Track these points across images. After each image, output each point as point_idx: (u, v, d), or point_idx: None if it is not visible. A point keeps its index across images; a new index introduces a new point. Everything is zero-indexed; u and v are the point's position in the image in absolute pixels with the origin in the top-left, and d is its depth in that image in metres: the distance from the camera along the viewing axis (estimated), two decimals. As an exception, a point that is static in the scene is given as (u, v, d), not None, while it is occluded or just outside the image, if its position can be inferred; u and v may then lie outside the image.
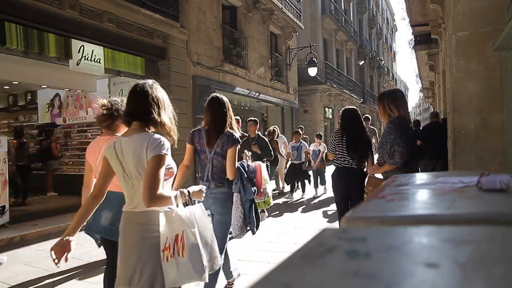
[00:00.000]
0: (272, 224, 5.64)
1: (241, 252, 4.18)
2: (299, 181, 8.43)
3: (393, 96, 3.01)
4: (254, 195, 2.90)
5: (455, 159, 4.34)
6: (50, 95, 9.49)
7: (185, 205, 1.84)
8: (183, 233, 1.71)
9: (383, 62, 35.48)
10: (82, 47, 6.36)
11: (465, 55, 4.24)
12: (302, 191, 8.42)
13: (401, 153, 2.77)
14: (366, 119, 8.28)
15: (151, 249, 1.70)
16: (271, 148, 6.48)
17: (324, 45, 20.45)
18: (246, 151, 3.26)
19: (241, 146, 3.04)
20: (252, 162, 3.09)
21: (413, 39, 12.42)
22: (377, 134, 8.32)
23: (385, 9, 40.40)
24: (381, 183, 2.96)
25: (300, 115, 17.02)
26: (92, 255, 4.23)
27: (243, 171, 2.84)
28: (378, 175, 3.21)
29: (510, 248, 0.50)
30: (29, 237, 5.20)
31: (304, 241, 0.57)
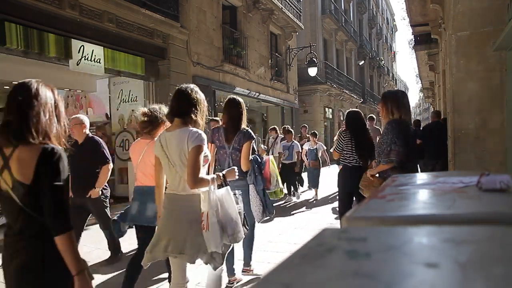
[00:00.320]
0: (272, 224, 5.64)
1: (241, 252, 4.18)
2: (290, 183, 7.82)
3: (396, 98, 3.04)
4: (263, 185, 3.25)
5: (455, 159, 4.34)
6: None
7: (220, 186, 2.15)
8: (207, 213, 2.04)
9: (383, 62, 35.47)
10: (82, 47, 6.36)
11: (465, 55, 4.24)
12: (292, 194, 7.93)
13: (397, 151, 2.80)
14: (370, 119, 8.29)
15: (195, 223, 2.06)
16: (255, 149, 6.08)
17: (324, 45, 20.45)
18: (262, 145, 3.57)
19: None
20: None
21: (413, 39, 12.42)
22: (381, 134, 8.29)
23: (385, 9, 40.39)
24: (374, 182, 3.00)
25: (300, 115, 17.02)
26: (92, 255, 4.23)
27: (255, 164, 3.17)
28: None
29: (510, 248, 0.50)
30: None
31: (304, 241, 0.57)
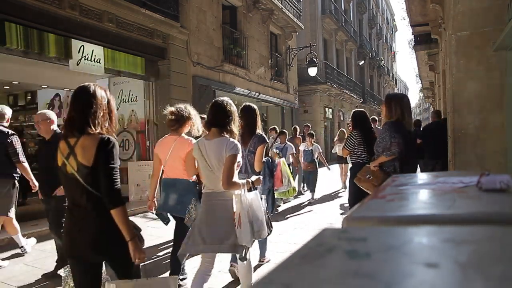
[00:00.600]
0: (272, 224, 5.63)
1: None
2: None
3: (400, 99, 3.16)
4: (270, 185, 3.61)
5: (455, 159, 4.34)
6: (50, 95, 9.48)
7: (249, 190, 2.50)
8: (239, 214, 2.37)
9: (383, 62, 35.47)
10: (82, 47, 6.36)
11: (465, 55, 4.24)
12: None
13: (397, 143, 2.95)
14: (373, 121, 8.30)
15: (230, 219, 2.38)
16: None
17: (324, 45, 20.45)
18: (275, 149, 3.81)
19: None
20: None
21: (413, 39, 12.41)
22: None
23: (385, 9, 40.39)
24: (376, 174, 3.09)
25: (300, 115, 17.03)
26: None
27: (267, 166, 3.43)
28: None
29: (510, 248, 0.50)
30: (29, 237, 5.20)
31: (304, 241, 0.57)
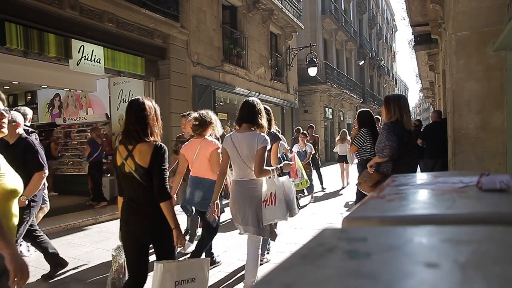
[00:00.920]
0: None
1: (241, 252, 4.18)
2: None
3: (398, 100, 3.17)
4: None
5: (455, 159, 4.34)
6: (50, 95, 9.50)
7: (279, 175, 2.85)
8: (275, 192, 2.77)
9: (383, 62, 35.46)
10: (82, 47, 6.36)
11: (465, 55, 4.24)
12: None
13: (390, 147, 2.97)
14: (377, 120, 8.32)
15: (257, 201, 2.77)
16: None
17: (324, 45, 20.44)
18: (285, 144, 4.28)
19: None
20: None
21: (413, 39, 12.40)
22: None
23: (385, 9, 40.38)
24: (372, 176, 3.16)
25: (300, 115, 17.03)
26: (92, 255, 4.23)
27: (279, 162, 3.65)
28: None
29: (509, 248, 0.50)
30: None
31: (304, 241, 0.57)
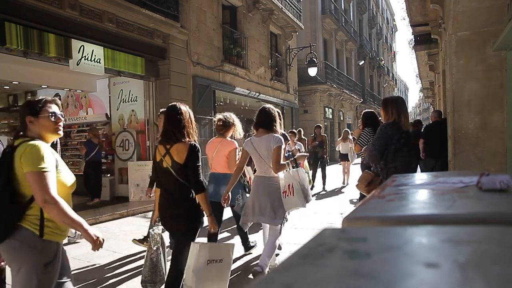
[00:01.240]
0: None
1: (241, 251, 4.18)
2: None
3: (395, 102, 3.19)
4: None
5: (455, 159, 4.35)
6: (50, 95, 9.48)
7: (293, 167, 3.31)
8: (292, 183, 3.25)
9: (383, 62, 35.46)
10: (82, 47, 6.36)
11: (465, 55, 4.24)
12: None
13: (369, 151, 3.08)
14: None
15: (275, 195, 3.27)
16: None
17: (324, 45, 20.45)
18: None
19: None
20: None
21: (413, 39, 12.40)
22: None
23: (385, 9, 40.38)
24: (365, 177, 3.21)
25: (300, 115, 17.03)
26: (93, 255, 4.23)
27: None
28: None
29: (509, 248, 0.50)
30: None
31: (304, 241, 0.57)
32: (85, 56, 6.41)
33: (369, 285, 0.40)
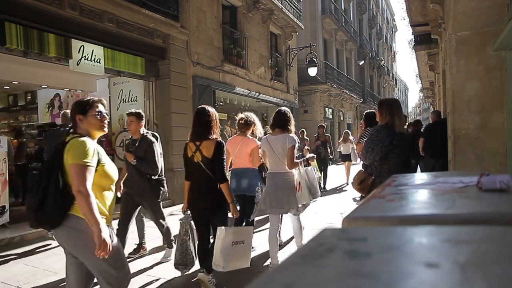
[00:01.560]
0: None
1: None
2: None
3: (390, 104, 3.25)
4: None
5: (455, 159, 4.34)
6: (50, 95, 9.48)
7: (304, 166, 3.70)
8: (300, 181, 3.60)
9: (383, 62, 35.45)
10: (82, 47, 6.35)
11: (465, 55, 4.24)
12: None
13: (362, 151, 3.27)
14: None
15: (289, 189, 3.55)
16: (155, 158, 3.88)
17: (324, 45, 20.44)
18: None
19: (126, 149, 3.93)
20: None
21: (413, 39, 12.39)
22: None
23: (385, 9, 40.37)
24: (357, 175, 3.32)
25: (300, 115, 17.03)
26: (92, 255, 4.22)
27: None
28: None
29: (509, 248, 0.50)
30: (29, 237, 5.20)
31: (304, 241, 0.57)
32: (85, 56, 6.41)
33: (369, 285, 0.40)
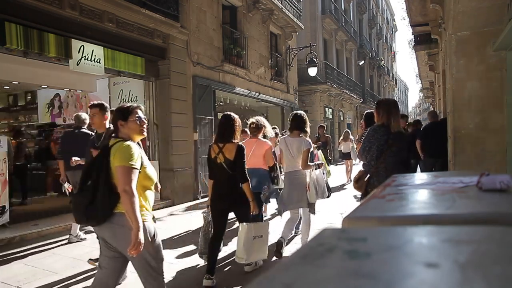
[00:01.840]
0: (272, 224, 5.63)
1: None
2: None
3: (387, 105, 3.30)
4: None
5: (455, 159, 4.34)
6: (50, 95, 9.48)
7: (315, 168, 4.10)
8: (309, 183, 3.98)
9: (383, 62, 35.44)
10: (82, 47, 6.35)
11: (465, 55, 4.24)
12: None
13: (359, 152, 3.38)
14: None
15: (303, 186, 3.98)
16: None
17: (324, 45, 20.44)
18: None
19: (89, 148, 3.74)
20: None
21: (413, 39, 12.40)
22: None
23: (385, 9, 40.36)
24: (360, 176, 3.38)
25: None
26: (93, 255, 4.22)
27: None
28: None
29: (509, 248, 0.50)
30: (29, 237, 5.20)
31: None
32: (85, 56, 6.41)
33: (369, 285, 0.40)
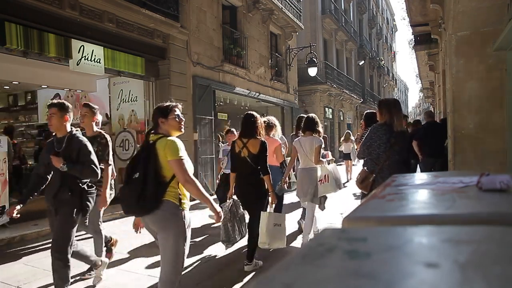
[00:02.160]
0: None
1: (242, 251, 4.18)
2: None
3: (388, 104, 3.31)
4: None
5: (455, 159, 4.34)
6: (50, 95, 9.47)
7: (327, 163, 4.40)
8: (327, 174, 4.29)
9: (383, 62, 35.44)
10: (82, 47, 6.35)
11: (465, 55, 4.24)
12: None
13: (359, 150, 3.44)
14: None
15: (315, 181, 4.32)
16: (94, 161, 3.10)
17: (324, 45, 20.44)
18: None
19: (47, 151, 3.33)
20: None
21: (413, 39, 12.39)
22: None
23: (385, 9, 40.36)
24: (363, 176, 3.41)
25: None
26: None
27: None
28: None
29: (509, 248, 0.50)
30: (29, 237, 5.21)
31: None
32: (85, 56, 6.41)
33: (369, 285, 0.40)
